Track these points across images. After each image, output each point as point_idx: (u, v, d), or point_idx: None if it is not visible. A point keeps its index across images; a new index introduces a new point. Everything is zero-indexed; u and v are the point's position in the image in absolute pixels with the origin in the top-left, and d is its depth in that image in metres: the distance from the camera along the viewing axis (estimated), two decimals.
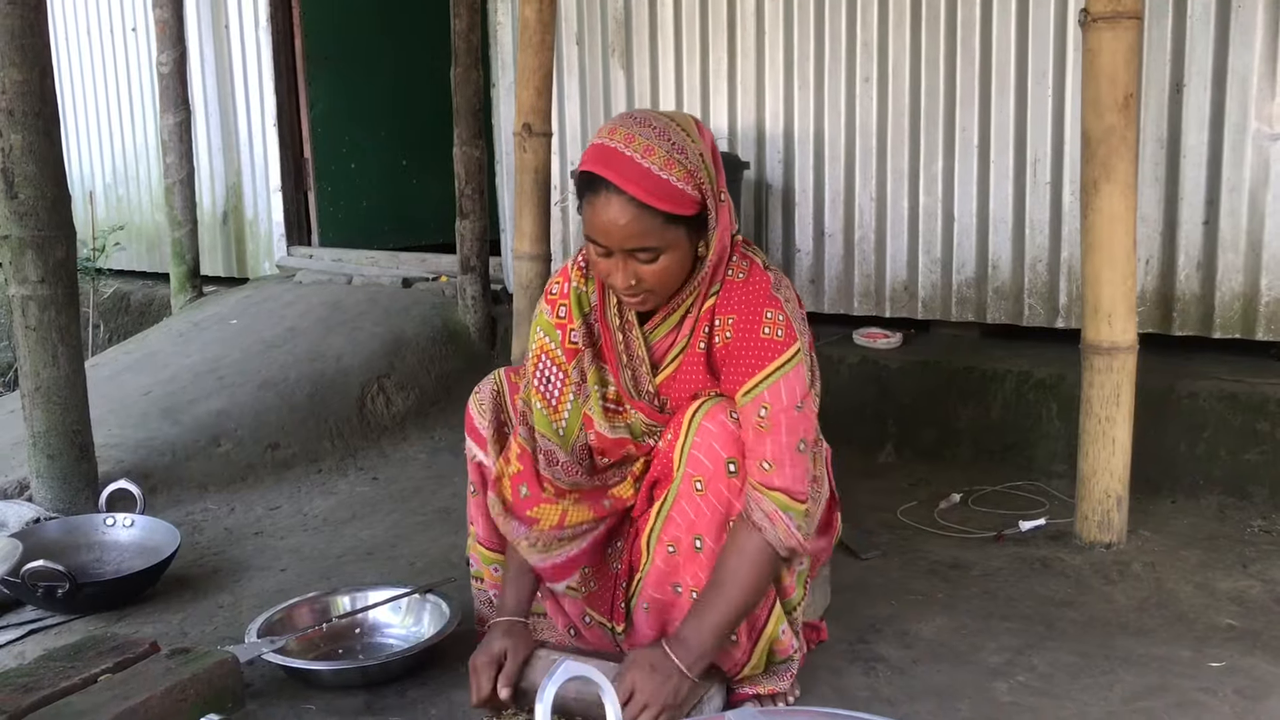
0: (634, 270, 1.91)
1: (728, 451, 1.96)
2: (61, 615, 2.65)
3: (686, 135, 1.90)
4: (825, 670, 2.25)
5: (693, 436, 1.98)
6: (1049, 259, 3.93)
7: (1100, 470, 2.92)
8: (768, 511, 1.94)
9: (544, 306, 2.14)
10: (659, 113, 1.95)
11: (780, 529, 1.94)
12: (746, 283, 1.99)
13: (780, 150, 4.43)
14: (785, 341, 1.94)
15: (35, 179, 3.01)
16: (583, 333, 2.08)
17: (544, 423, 2.12)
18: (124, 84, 6.61)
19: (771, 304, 1.96)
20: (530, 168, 3.83)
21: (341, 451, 4.04)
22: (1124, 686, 2.18)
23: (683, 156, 1.88)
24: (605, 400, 2.09)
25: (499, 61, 5.04)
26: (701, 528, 2.00)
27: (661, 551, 2.05)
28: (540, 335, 2.13)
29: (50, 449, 3.13)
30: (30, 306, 3.07)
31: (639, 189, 1.84)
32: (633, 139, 1.87)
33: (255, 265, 6.17)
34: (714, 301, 2.00)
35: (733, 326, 1.97)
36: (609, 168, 1.86)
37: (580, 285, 2.10)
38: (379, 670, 2.26)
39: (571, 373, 2.09)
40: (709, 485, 1.98)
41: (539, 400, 2.12)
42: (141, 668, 2.05)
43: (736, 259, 2.02)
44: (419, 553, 3.04)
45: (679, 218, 1.88)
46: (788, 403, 1.94)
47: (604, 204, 1.87)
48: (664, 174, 1.85)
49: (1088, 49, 2.82)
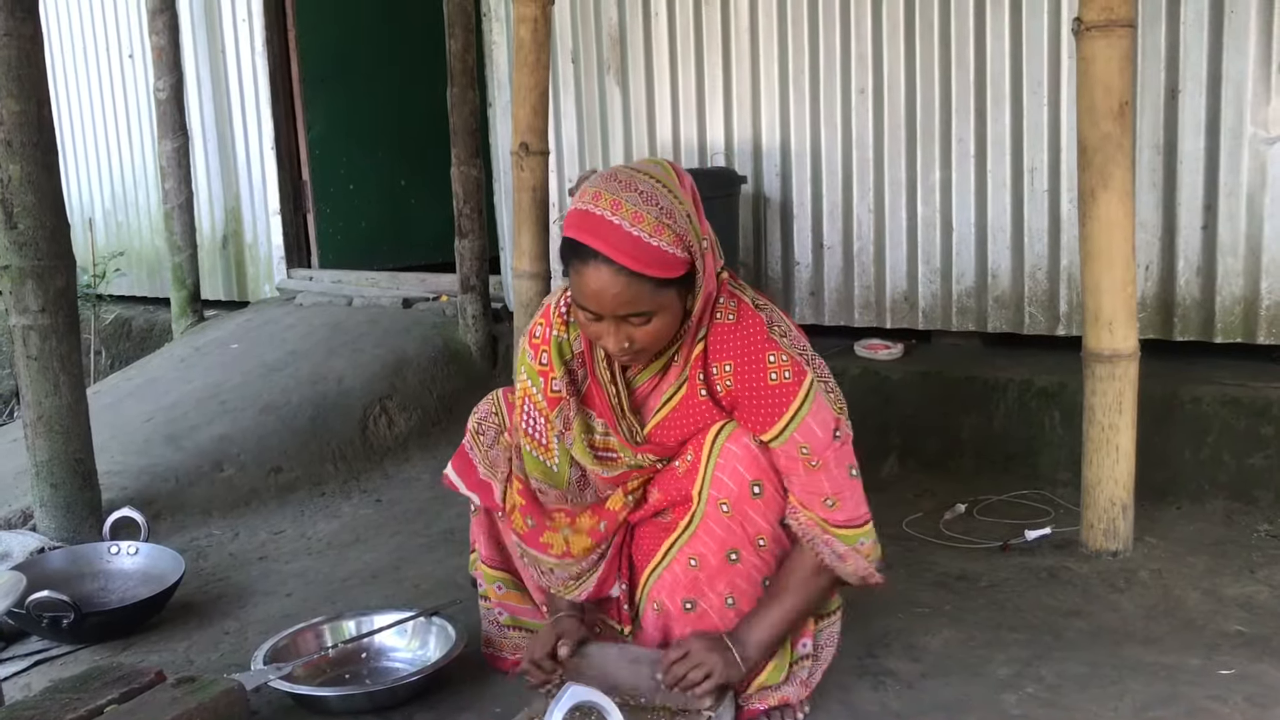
0: (626, 334, 1.89)
1: (751, 474, 1.97)
2: (67, 645, 2.65)
3: (672, 195, 1.87)
4: (834, 686, 2.24)
5: (716, 458, 1.98)
6: (1048, 267, 3.93)
7: (1105, 478, 2.92)
8: (840, 553, 1.99)
9: (527, 348, 2.12)
10: (639, 171, 1.91)
11: (851, 565, 2.01)
12: (738, 326, 1.97)
13: (777, 163, 4.44)
14: (795, 381, 1.93)
15: (34, 209, 3.01)
16: (565, 382, 2.06)
17: (535, 464, 2.13)
18: (121, 110, 6.62)
19: (771, 347, 1.94)
20: (528, 186, 3.83)
21: (344, 474, 4.03)
22: (1133, 696, 2.18)
23: (671, 221, 1.85)
24: (593, 447, 2.08)
25: (495, 81, 5.05)
26: (734, 542, 2.01)
27: (682, 562, 2.04)
28: (523, 378, 2.12)
29: (53, 478, 3.13)
30: (31, 336, 3.07)
31: (630, 259, 1.82)
32: (620, 205, 1.84)
33: (255, 288, 6.18)
34: (702, 347, 1.98)
35: (733, 375, 1.96)
36: (597, 237, 1.84)
37: (561, 333, 2.07)
38: (386, 695, 2.25)
39: (554, 420, 2.08)
40: (735, 507, 1.99)
41: (527, 442, 2.13)
42: (148, 697, 2.05)
43: (724, 300, 1.99)
44: (424, 575, 3.04)
45: (669, 280, 1.87)
46: (824, 436, 1.95)
47: (594, 273, 1.85)
48: (654, 240, 1.83)
49: (1082, 57, 2.82)
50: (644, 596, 2.11)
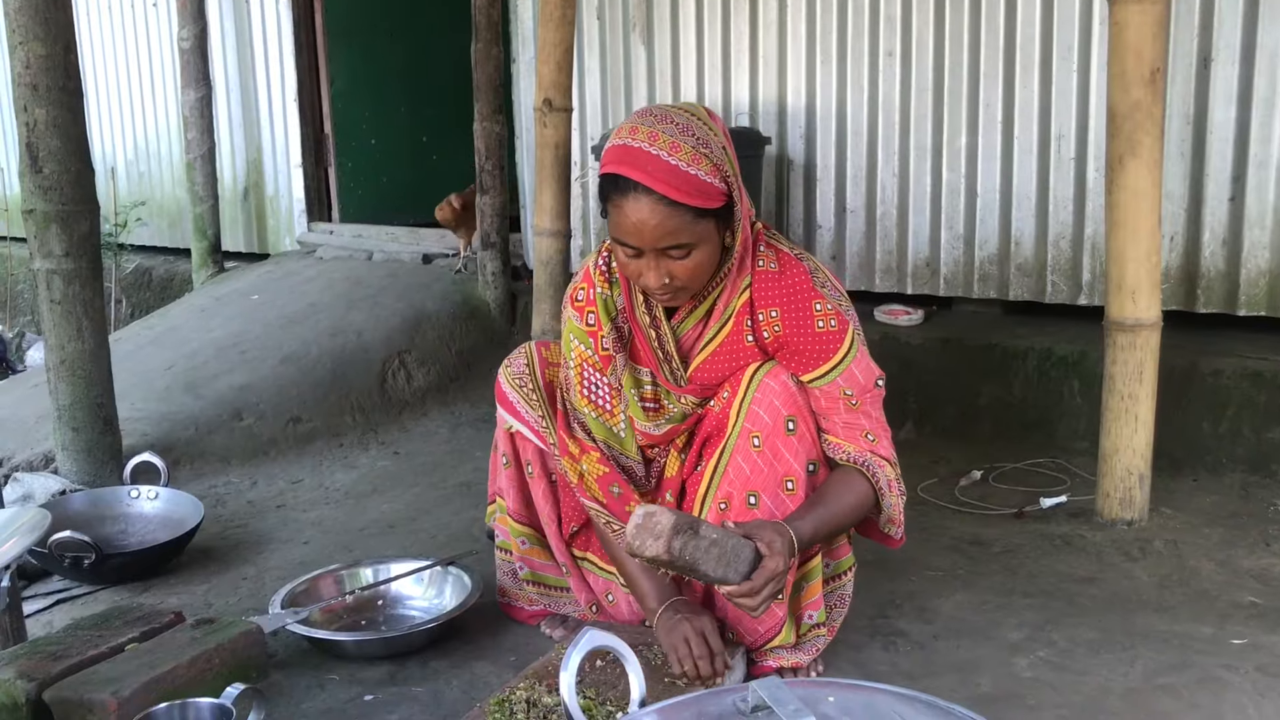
0: (667, 268, 1.89)
1: (788, 409, 1.97)
2: (88, 585, 2.69)
3: (707, 128, 1.88)
4: (845, 645, 2.25)
5: (753, 392, 1.99)
6: (1072, 235, 3.90)
7: (1123, 447, 2.91)
8: (891, 479, 2.03)
9: (571, 312, 2.12)
10: (673, 107, 1.93)
11: (894, 498, 2.04)
12: (781, 275, 1.98)
13: (802, 125, 4.41)
14: (840, 331, 1.96)
15: (59, 153, 3.02)
16: (613, 338, 2.08)
17: (601, 429, 2.12)
18: (145, 60, 6.62)
19: (816, 296, 1.96)
20: (550, 143, 3.82)
21: (363, 426, 4.06)
22: (1145, 663, 2.18)
23: (708, 150, 1.85)
24: (643, 400, 2.09)
25: (519, 37, 5.02)
26: (758, 484, 2.00)
27: (714, 510, 2.04)
28: (575, 343, 2.11)
29: (75, 422, 3.16)
30: (55, 280, 3.09)
31: (669, 187, 1.82)
32: (656, 136, 1.85)
33: (276, 241, 6.19)
34: (748, 295, 1.99)
35: (781, 321, 1.97)
36: (636, 167, 1.84)
37: (605, 290, 2.08)
38: (402, 641, 2.28)
39: (610, 377, 2.09)
40: (766, 441, 1.98)
41: (589, 408, 2.12)
42: (167, 637, 2.08)
43: (763, 249, 2.01)
44: (440, 526, 3.06)
45: (708, 211, 1.87)
46: (865, 382, 1.99)
47: (633, 205, 1.84)
48: (692, 169, 1.83)
49: (1114, 23, 2.79)
50: None
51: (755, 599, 1.77)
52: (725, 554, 1.74)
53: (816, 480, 2.02)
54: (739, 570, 1.75)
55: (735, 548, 1.75)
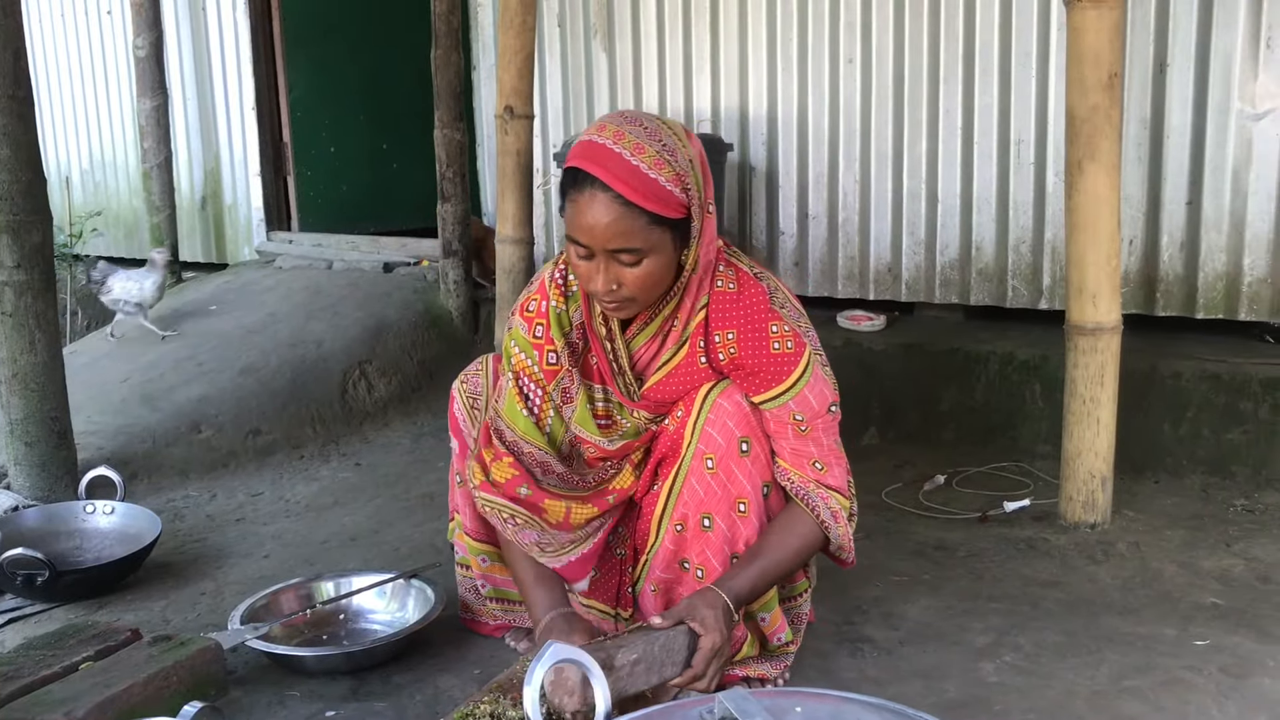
0: (615, 274, 1.86)
1: (741, 430, 1.95)
2: (41, 603, 2.62)
3: (677, 139, 1.86)
4: (812, 653, 2.24)
5: (707, 412, 1.96)
6: (1032, 240, 3.93)
7: (1085, 451, 2.92)
8: (834, 510, 2.00)
9: (519, 322, 2.08)
10: (650, 114, 1.91)
11: (841, 529, 2.01)
12: (739, 296, 1.96)
13: (764, 132, 4.42)
14: (796, 352, 1.93)
15: (9, 162, 2.96)
16: (566, 354, 2.03)
17: (529, 428, 2.06)
18: (100, 68, 6.54)
19: (773, 318, 1.94)
20: (512, 150, 3.80)
21: (323, 437, 4.01)
22: (1110, 666, 2.19)
23: (672, 158, 1.83)
24: (597, 417, 2.05)
25: (480, 43, 5.01)
26: (711, 506, 1.98)
27: (670, 532, 2.02)
28: (517, 352, 2.07)
29: (28, 436, 3.10)
30: (6, 292, 3.03)
31: (625, 186, 1.79)
32: (622, 136, 1.83)
33: (234, 251, 6.12)
34: (704, 315, 1.97)
35: (736, 342, 1.94)
36: (595, 163, 1.81)
37: (560, 305, 2.04)
38: (364, 656, 2.24)
39: (553, 392, 2.05)
40: (720, 463, 1.97)
41: (522, 409, 2.07)
42: (123, 655, 2.03)
43: (722, 268, 1.98)
44: (403, 538, 3.03)
45: (664, 220, 1.83)
46: (818, 407, 1.97)
47: (588, 201, 1.81)
48: (653, 173, 1.81)
49: (1072, 28, 2.81)
50: (643, 576, 2.09)
51: (703, 681, 1.78)
52: (654, 662, 1.73)
53: (770, 503, 2.01)
54: (675, 664, 1.76)
55: (664, 647, 1.75)
